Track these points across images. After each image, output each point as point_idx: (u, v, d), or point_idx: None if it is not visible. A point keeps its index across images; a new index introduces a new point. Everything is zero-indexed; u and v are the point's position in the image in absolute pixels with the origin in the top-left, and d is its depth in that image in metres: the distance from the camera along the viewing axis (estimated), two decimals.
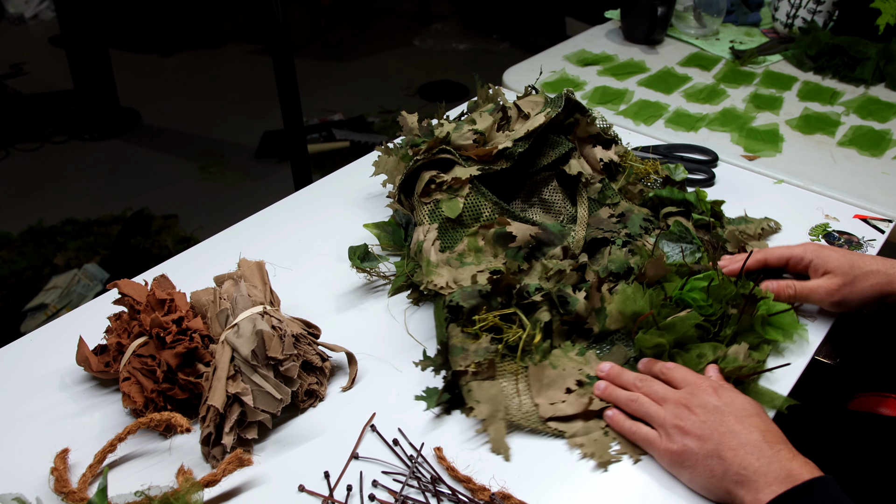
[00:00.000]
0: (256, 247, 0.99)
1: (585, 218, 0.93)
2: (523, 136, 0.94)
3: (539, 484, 0.67)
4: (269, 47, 1.76)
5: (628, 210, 0.95)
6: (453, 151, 0.93)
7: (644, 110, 1.39)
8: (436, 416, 0.74)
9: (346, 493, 0.66)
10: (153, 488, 0.63)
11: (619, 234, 0.91)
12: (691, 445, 0.65)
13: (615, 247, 0.89)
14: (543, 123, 0.95)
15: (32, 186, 2.79)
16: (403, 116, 1.05)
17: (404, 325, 0.85)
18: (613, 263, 0.86)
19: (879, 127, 1.35)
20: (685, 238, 0.90)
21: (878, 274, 0.81)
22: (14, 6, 4.26)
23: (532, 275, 0.84)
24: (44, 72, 3.64)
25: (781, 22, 1.69)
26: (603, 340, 0.81)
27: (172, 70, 3.77)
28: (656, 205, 0.98)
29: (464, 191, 0.90)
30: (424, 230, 0.86)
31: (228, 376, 0.70)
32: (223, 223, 1.05)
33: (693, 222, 0.94)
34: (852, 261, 0.81)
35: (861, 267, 0.81)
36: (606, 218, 0.94)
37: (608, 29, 1.78)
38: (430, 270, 0.80)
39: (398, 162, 0.96)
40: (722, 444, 0.64)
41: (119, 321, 0.78)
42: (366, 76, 3.70)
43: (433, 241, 0.85)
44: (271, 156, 2.99)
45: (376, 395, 0.77)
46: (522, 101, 1.02)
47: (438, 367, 0.78)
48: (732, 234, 0.95)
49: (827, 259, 0.82)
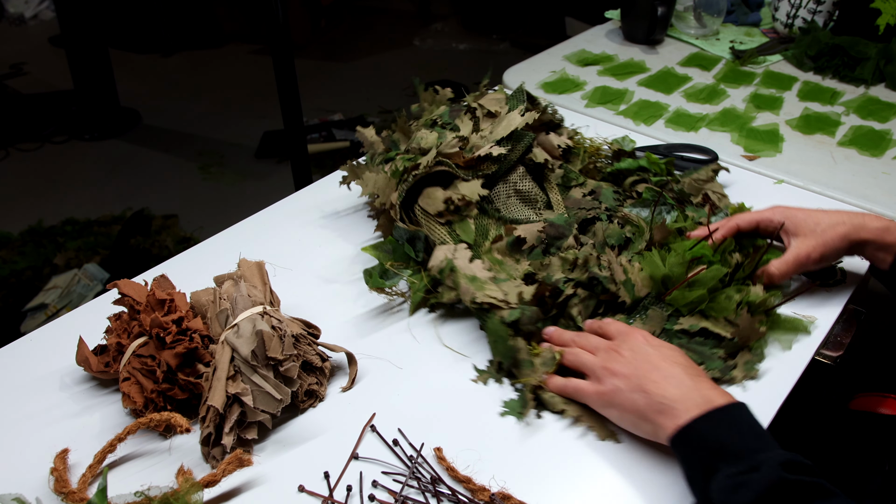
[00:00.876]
0: (256, 247, 0.99)
1: (560, 202, 0.97)
2: (506, 136, 0.96)
3: (539, 484, 0.67)
4: (269, 47, 1.76)
5: (597, 187, 1.00)
6: (451, 164, 0.93)
7: (644, 110, 1.39)
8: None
9: (345, 494, 0.66)
10: (153, 488, 0.64)
11: (601, 210, 0.95)
12: (619, 384, 0.69)
13: (602, 223, 0.92)
14: (522, 123, 0.97)
15: (32, 186, 2.79)
16: (361, 131, 1.04)
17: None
18: (612, 237, 0.90)
19: (879, 127, 1.35)
20: (660, 200, 0.97)
21: (844, 225, 0.84)
22: (14, 6, 4.26)
23: (553, 270, 0.85)
24: (44, 72, 3.64)
25: (781, 22, 1.69)
26: (635, 309, 0.84)
27: (172, 70, 3.76)
28: (616, 178, 1.05)
29: (473, 211, 0.91)
30: (450, 249, 0.85)
31: (228, 376, 0.70)
32: (223, 223, 1.05)
33: (654, 184, 1.01)
34: (817, 219, 0.85)
35: (825, 221, 0.85)
36: (581, 198, 0.98)
37: (608, 29, 1.78)
38: (481, 286, 0.81)
39: (389, 179, 0.92)
40: (645, 379, 0.67)
41: (119, 321, 0.78)
42: (366, 76, 3.70)
43: (469, 259, 0.84)
44: (271, 156, 2.99)
45: (376, 396, 0.77)
46: (485, 100, 1.03)
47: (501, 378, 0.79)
48: (691, 184, 1.01)
49: (796, 221, 0.86)
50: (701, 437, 0.62)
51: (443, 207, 0.90)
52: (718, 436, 0.61)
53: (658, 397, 0.66)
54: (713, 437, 0.62)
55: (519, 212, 0.93)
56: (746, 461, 0.59)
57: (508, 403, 0.75)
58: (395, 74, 3.69)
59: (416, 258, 0.90)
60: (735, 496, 0.57)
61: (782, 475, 0.56)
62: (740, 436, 0.62)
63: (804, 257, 0.84)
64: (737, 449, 0.60)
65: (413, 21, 4.37)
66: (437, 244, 0.87)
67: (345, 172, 1.03)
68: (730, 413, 0.63)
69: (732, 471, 0.58)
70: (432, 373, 0.80)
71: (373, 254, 0.92)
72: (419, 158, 0.93)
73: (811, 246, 0.83)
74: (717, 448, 0.61)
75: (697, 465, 0.62)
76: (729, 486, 0.58)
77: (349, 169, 1.02)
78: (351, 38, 4.14)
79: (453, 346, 0.83)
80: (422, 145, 0.96)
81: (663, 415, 0.65)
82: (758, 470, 0.57)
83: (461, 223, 0.89)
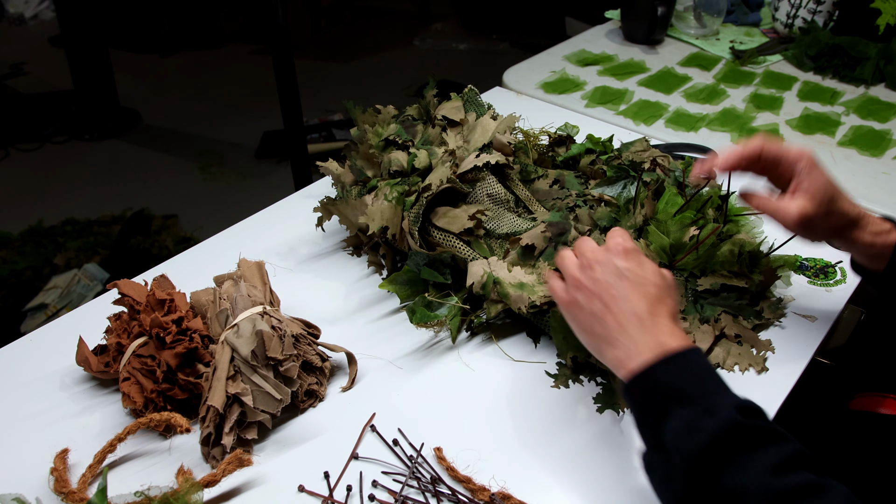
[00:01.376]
0: (256, 247, 0.99)
1: (531, 197, 0.98)
2: (487, 144, 0.97)
3: (539, 484, 0.67)
4: (269, 47, 1.75)
5: (559, 175, 1.02)
6: (457, 181, 0.92)
7: (644, 110, 1.39)
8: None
9: (345, 494, 0.66)
10: (153, 488, 0.64)
11: (573, 197, 0.98)
12: (579, 298, 0.68)
13: (583, 208, 0.95)
14: (499, 128, 0.98)
15: (32, 186, 2.79)
16: (323, 166, 1.00)
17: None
18: (602, 219, 0.92)
19: (879, 127, 1.35)
20: (621, 176, 0.99)
21: (847, 217, 0.78)
22: (14, 6, 4.26)
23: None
24: (44, 72, 3.63)
25: (781, 22, 1.69)
26: None
27: (172, 70, 3.76)
28: (568, 164, 1.08)
29: (481, 231, 0.90)
30: (485, 264, 0.84)
31: (228, 376, 0.70)
32: (223, 223, 1.05)
33: (605, 161, 1.04)
34: (833, 193, 0.78)
35: (837, 203, 0.78)
36: (548, 189, 1.00)
37: (608, 29, 1.78)
38: (532, 290, 0.81)
39: (395, 207, 0.89)
40: (607, 307, 0.66)
41: (119, 321, 0.78)
42: (366, 76, 3.70)
43: (508, 269, 0.84)
44: (271, 156, 2.99)
45: (376, 395, 0.77)
46: (446, 110, 1.04)
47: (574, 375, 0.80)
48: (637, 155, 1.04)
49: (813, 181, 0.77)
50: (656, 382, 0.61)
51: (471, 224, 0.88)
52: (673, 380, 0.61)
53: (614, 331, 0.65)
54: (667, 382, 0.61)
55: (510, 223, 0.93)
56: (701, 404, 0.58)
57: (600, 398, 0.77)
58: (395, 74, 3.68)
59: (445, 281, 0.87)
60: (689, 438, 0.56)
61: (737, 419, 0.56)
62: (695, 380, 0.61)
63: (795, 214, 0.76)
64: (692, 393, 0.59)
65: (413, 21, 4.36)
66: (469, 261, 0.86)
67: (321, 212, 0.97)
68: (685, 357, 0.62)
69: (687, 414, 0.58)
70: (432, 373, 0.80)
71: (391, 289, 0.87)
72: (417, 181, 0.92)
73: (811, 212, 0.76)
74: (671, 392, 0.60)
75: (650, 409, 0.61)
76: (683, 428, 0.57)
77: (323, 209, 0.97)
78: (351, 38, 4.14)
79: (468, 361, 0.83)
80: (394, 168, 0.94)
81: (615, 349, 0.64)
82: (713, 414, 0.57)
83: (476, 243, 0.89)
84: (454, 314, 0.84)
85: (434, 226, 0.90)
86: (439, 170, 0.92)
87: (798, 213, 0.76)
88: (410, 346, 0.83)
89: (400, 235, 0.89)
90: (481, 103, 1.06)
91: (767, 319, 0.86)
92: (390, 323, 0.87)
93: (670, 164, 1.02)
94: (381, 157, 0.98)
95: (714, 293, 0.86)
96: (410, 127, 1.03)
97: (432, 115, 1.05)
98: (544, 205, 0.98)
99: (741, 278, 0.86)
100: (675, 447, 0.57)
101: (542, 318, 0.82)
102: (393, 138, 1.01)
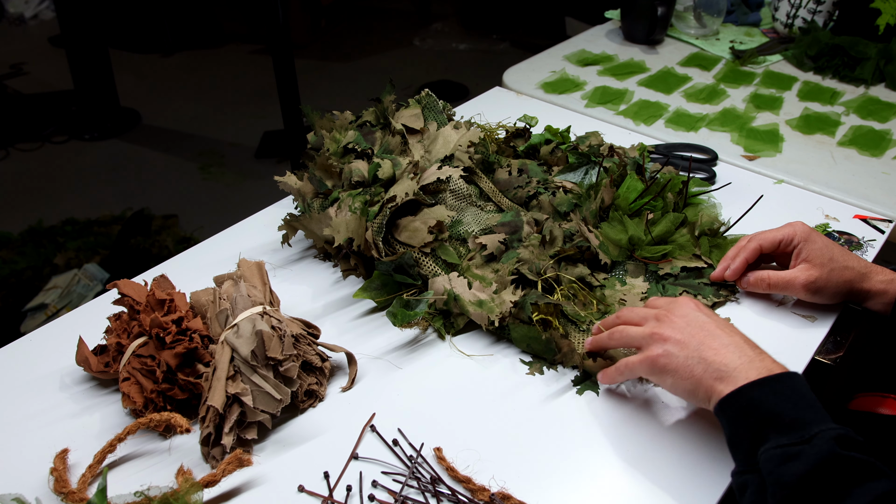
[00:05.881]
0: (256, 247, 0.99)
1: (495, 189, 1.00)
2: (448, 156, 0.98)
3: (539, 484, 0.67)
4: (269, 47, 1.76)
5: (522, 164, 1.03)
6: (421, 194, 0.92)
7: (644, 110, 1.39)
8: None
9: (345, 494, 0.66)
10: (153, 488, 0.63)
11: (535, 185, 1.00)
12: (672, 350, 0.67)
13: (545, 194, 0.97)
14: (462, 141, 0.99)
15: (32, 186, 2.79)
16: (281, 181, 0.97)
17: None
18: (561, 205, 0.95)
19: (879, 127, 1.35)
20: (583, 163, 1.03)
21: (853, 271, 0.84)
22: (14, 6, 4.26)
23: (529, 257, 0.88)
24: (44, 72, 3.63)
25: (781, 22, 1.69)
26: (616, 267, 0.93)
27: (172, 70, 3.76)
28: (529, 154, 1.11)
29: (445, 234, 0.91)
30: (446, 280, 0.85)
31: (228, 376, 0.70)
32: (223, 223, 1.05)
33: (565, 150, 1.07)
34: (832, 253, 0.84)
35: (839, 261, 0.84)
36: (510, 177, 1.01)
37: (608, 29, 1.78)
38: (490, 307, 0.82)
39: (359, 218, 0.88)
40: (703, 346, 0.66)
41: (119, 321, 0.78)
42: (366, 76, 3.70)
43: (467, 285, 0.84)
44: (271, 156, 2.99)
45: (376, 396, 0.77)
46: (405, 118, 1.03)
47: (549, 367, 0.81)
48: (595, 142, 1.08)
49: (812, 248, 0.84)
50: (753, 403, 0.61)
51: (430, 238, 0.88)
52: (771, 404, 0.60)
53: (718, 364, 0.64)
54: (766, 405, 0.60)
55: (474, 217, 0.93)
56: (799, 432, 0.58)
57: (577, 379, 0.78)
58: (395, 74, 3.68)
59: (416, 283, 0.87)
60: (785, 467, 0.56)
61: (835, 449, 0.55)
62: (794, 406, 0.60)
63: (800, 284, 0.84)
64: (790, 419, 0.59)
65: (413, 21, 4.37)
66: (430, 277, 0.87)
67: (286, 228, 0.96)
68: (784, 382, 0.62)
69: (784, 441, 0.58)
70: (432, 373, 0.80)
71: (364, 296, 0.87)
72: (380, 191, 0.91)
73: (814, 276, 0.83)
74: (768, 416, 0.60)
75: (745, 430, 0.61)
76: (779, 455, 0.57)
77: (288, 226, 0.96)
78: (351, 38, 4.14)
79: (465, 350, 0.83)
80: (355, 178, 0.94)
81: (722, 382, 0.64)
82: (810, 442, 0.56)
83: (441, 248, 0.89)
84: (436, 317, 0.85)
85: (396, 240, 0.90)
86: (404, 182, 0.92)
87: (805, 280, 0.83)
88: (410, 346, 0.83)
89: (366, 245, 0.89)
90: (440, 109, 1.06)
91: (725, 296, 0.89)
92: (390, 324, 0.87)
93: (624, 153, 1.06)
94: (340, 166, 0.97)
95: (674, 276, 0.91)
96: (369, 134, 1.02)
97: (391, 121, 1.03)
98: (507, 195, 0.99)
99: (698, 259, 0.92)
100: (769, 472, 0.57)
101: (503, 330, 0.83)
102: (352, 146, 1.00)
